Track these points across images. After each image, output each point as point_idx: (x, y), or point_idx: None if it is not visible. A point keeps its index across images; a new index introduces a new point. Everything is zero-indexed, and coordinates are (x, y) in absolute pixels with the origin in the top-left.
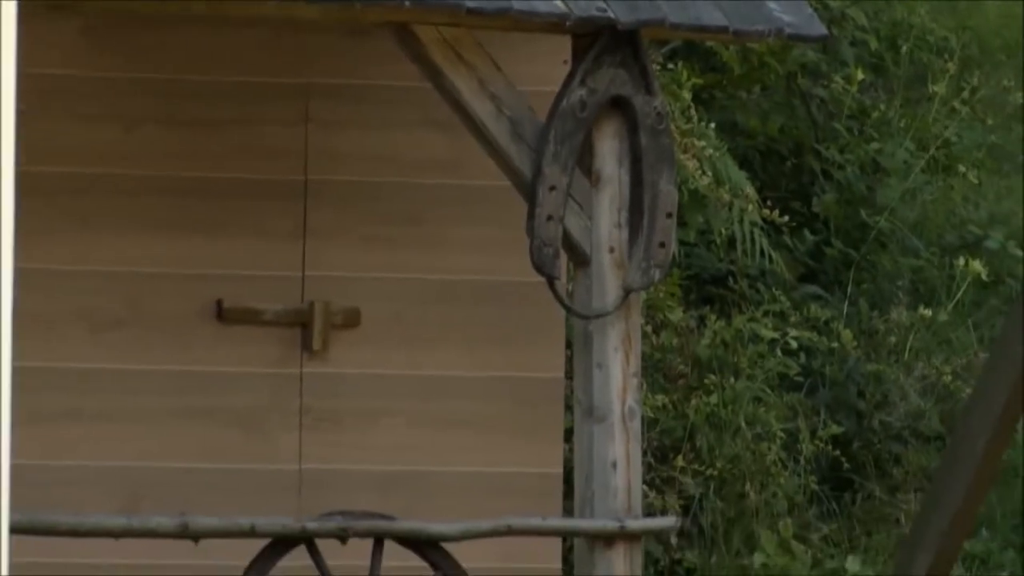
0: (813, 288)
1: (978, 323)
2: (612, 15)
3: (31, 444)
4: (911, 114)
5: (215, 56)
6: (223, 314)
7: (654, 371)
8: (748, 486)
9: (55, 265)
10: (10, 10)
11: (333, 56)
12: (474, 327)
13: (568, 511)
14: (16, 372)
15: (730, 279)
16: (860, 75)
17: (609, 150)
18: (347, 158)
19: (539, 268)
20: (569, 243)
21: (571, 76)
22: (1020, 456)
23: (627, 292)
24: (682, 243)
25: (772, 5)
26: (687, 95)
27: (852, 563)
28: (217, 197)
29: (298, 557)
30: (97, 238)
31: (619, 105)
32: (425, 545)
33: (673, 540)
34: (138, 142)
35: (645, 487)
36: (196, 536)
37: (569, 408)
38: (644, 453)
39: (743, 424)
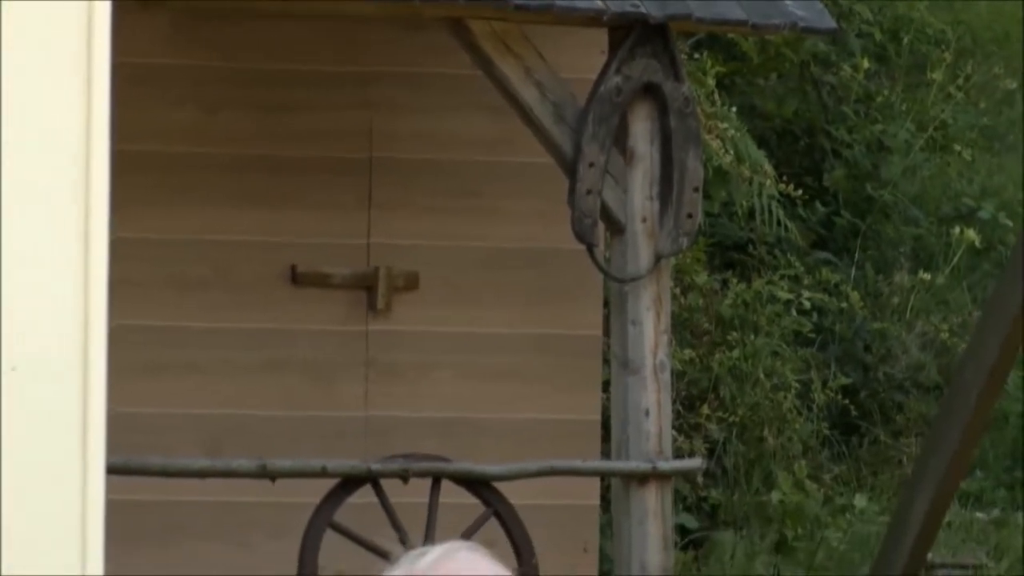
0: (824, 254)
1: (972, 286)
2: (644, 11)
3: (126, 394)
4: (911, 98)
5: (288, 47)
6: (297, 278)
7: (682, 328)
8: (766, 431)
9: (147, 234)
10: (105, 8)
11: (394, 47)
12: (521, 289)
13: (605, 454)
14: (112, 330)
15: (750, 246)
16: (866, 64)
17: (642, 131)
18: (407, 138)
19: (579, 236)
20: (606, 214)
21: (608, 65)
22: (1010, 405)
23: (658, 258)
24: (707, 214)
25: (787, 2)
26: (711, 82)
27: (859, 500)
28: (291, 173)
29: (364, 495)
30: (184, 210)
31: (650, 91)
32: (477, 484)
33: (699, 479)
34: (219, 124)
35: (674, 432)
36: (273, 476)
37: (606, 362)
38: (673, 402)
39: (762, 376)
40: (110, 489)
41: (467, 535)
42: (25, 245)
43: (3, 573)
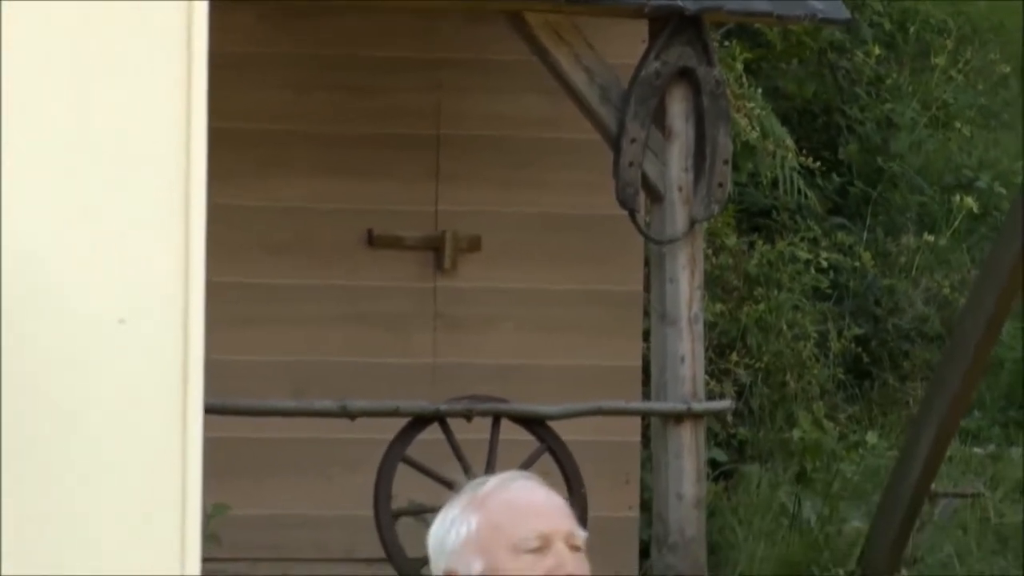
0: (839, 219)
1: (971, 247)
2: (681, 4)
3: (221, 343)
4: (917, 81)
5: (365, 36)
6: (373, 240)
7: (714, 285)
8: (788, 376)
9: (241, 202)
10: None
11: (460, 36)
12: (571, 250)
13: (646, 396)
14: (209, 286)
15: (773, 212)
16: (876, 50)
17: (678, 110)
18: (470, 117)
19: (623, 203)
20: (646, 184)
21: (648, 52)
22: (1004, 352)
23: (692, 222)
24: (736, 183)
25: None
26: (739, 66)
27: (871, 437)
28: (368, 148)
29: (432, 432)
30: (274, 181)
31: (686, 75)
32: (533, 423)
33: (729, 419)
34: (305, 105)
35: (707, 377)
36: (352, 416)
37: (646, 314)
38: (706, 350)
39: (784, 327)
40: (207, 428)
41: (523, 468)
42: (133, 211)
43: (110, 504)
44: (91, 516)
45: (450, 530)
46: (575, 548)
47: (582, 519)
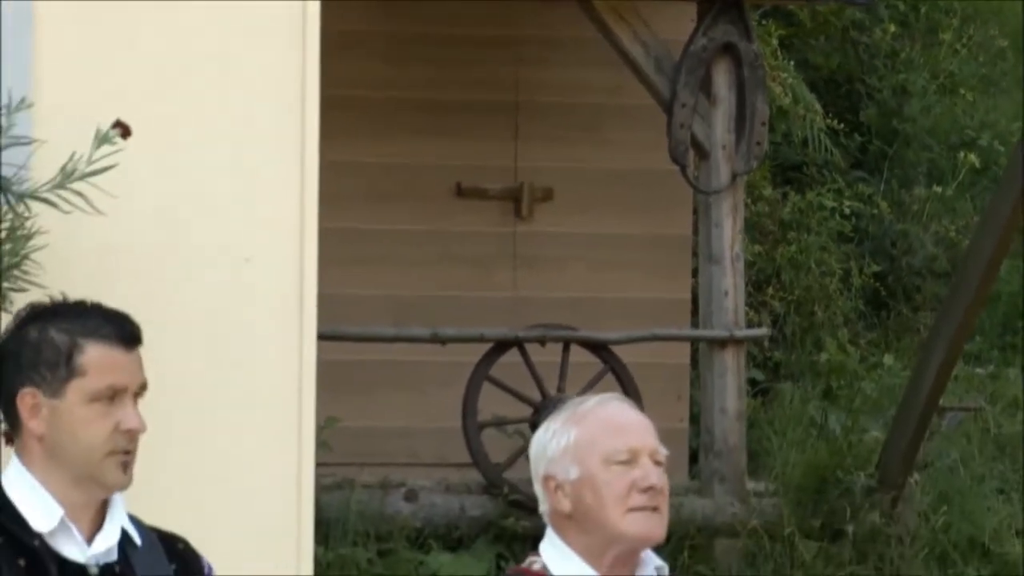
0: (860, 173)
1: (973, 197)
2: None
3: (331, 280)
4: (927, 54)
5: (455, 15)
6: (461, 192)
7: (752, 229)
8: (816, 307)
9: (349, 158)
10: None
11: (535, 16)
12: (630, 200)
13: (694, 325)
14: (321, 231)
15: (803, 167)
16: (892, 28)
17: (722, 80)
18: (544, 86)
19: (675, 159)
20: (695, 143)
21: (696, 30)
22: (1003, 286)
23: (734, 176)
24: (771, 143)
25: None
26: (774, 42)
27: (888, 359)
28: (457, 112)
29: (512, 356)
30: (377, 140)
31: (729, 49)
32: (598, 347)
33: (765, 344)
34: (403, 75)
35: (747, 308)
36: (443, 341)
37: (695, 254)
38: (746, 285)
39: (813, 265)
40: (320, 352)
41: (590, 387)
42: (258, 167)
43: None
44: (221, 430)
45: (551, 440)
46: (658, 463)
47: None
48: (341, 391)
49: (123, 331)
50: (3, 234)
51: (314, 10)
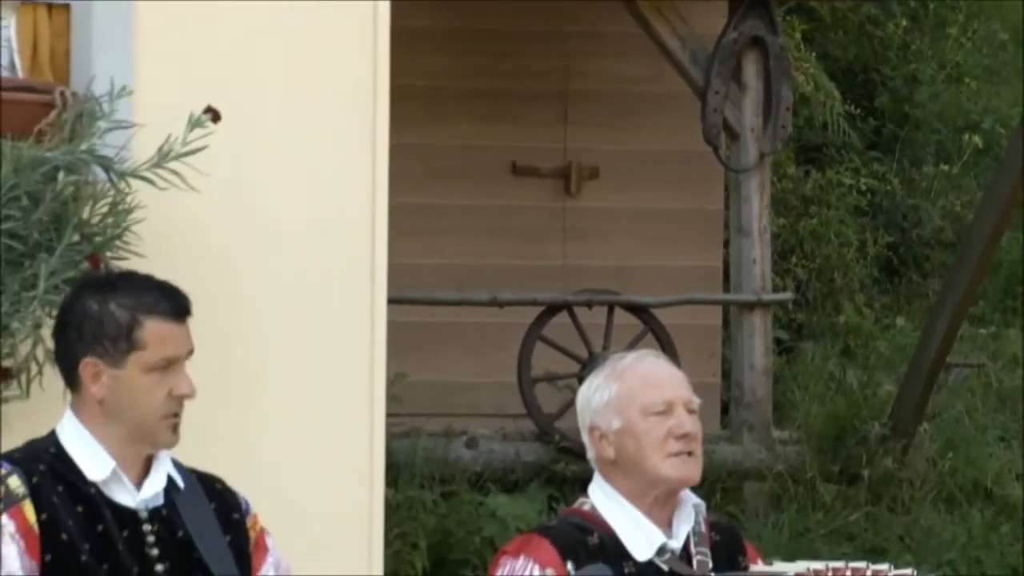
0: (875, 153)
1: (976, 175)
2: None
3: (400, 250)
4: (935, 47)
5: (510, 12)
6: (516, 170)
7: (778, 203)
8: (835, 274)
9: (415, 140)
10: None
11: (582, 12)
12: (668, 177)
13: (726, 290)
14: (391, 206)
15: (823, 148)
16: (903, 23)
17: (751, 69)
18: (590, 75)
19: (708, 141)
20: (726, 126)
21: (727, 25)
22: (1003, 254)
23: (762, 156)
24: (795, 126)
25: None
26: (798, 35)
27: (900, 320)
28: (511, 99)
29: (562, 318)
30: (440, 124)
31: (757, 42)
32: (639, 310)
33: (790, 306)
34: (463, 66)
35: (773, 275)
36: (501, 304)
37: (726, 227)
38: (772, 254)
39: (832, 236)
40: (390, 315)
41: (631, 346)
42: (333, 148)
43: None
44: (303, 384)
45: (595, 394)
46: (692, 411)
47: None
48: (409, 350)
49: (177, 306)
50: (106, 209)
51: (384, 9)
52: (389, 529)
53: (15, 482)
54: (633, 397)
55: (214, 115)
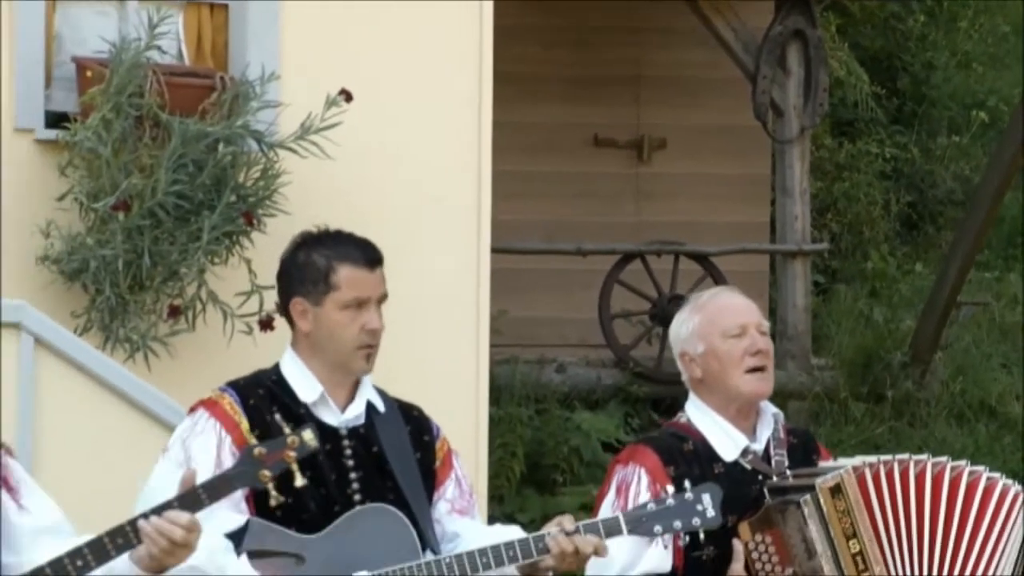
0: (898, 127)
1: (983, 144)
2: None
3: (501, 209)
4: (948, 38)
5: (589, 8)
6: (597, 142)
7: (816, 169)
8: (864, 228)
9: (512, 119)
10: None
11: (652, 10)
12: (724, 148)
13: (772, 241)
14: (494, 173)
15: (854, 123)
16: (921, 18)
17: (794, 57)
18: (659, 63)
19: (757, 117)
20: (773, 105)
21: (774, 19)
22: (1005, 210)
23: (802, 129)
24: (831, 104)
25: None
26: (833, 28)
27: (918, 267)
28: (593, 83)
29: (635, 264)
30: (532, 104)
31: (799, 34)
32: (700, 258)
33: (826, 255)
34: (550, 55)
35: (812, 228)
36: (584, 254)
37: (772, 188)
38: (812, 211)
39: (861, 196)
40: (493, 262)
41: (693, 288)
42: (446, 126)
43: (428, 310)
44: (421, 320)
45: (682, 326)
46: (763, 333)
47: None
48: (509, 291)
49: (367, 254)
50: (258, 174)
51: (488, 8)
52: (492, 440)
53: (228, 401)
54: (713, 324)
55: (347, 96)
